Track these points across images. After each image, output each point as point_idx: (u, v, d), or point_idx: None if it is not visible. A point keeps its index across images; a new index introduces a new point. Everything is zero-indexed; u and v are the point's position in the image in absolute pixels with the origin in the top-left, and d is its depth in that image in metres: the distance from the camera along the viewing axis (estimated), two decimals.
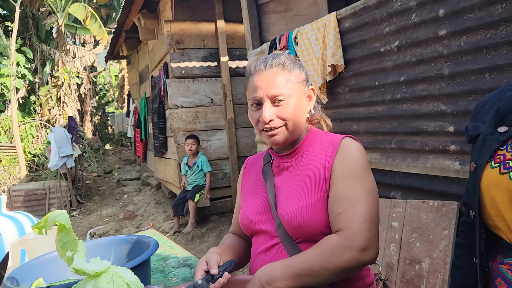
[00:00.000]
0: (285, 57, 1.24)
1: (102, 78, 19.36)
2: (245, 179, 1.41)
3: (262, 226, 1.24)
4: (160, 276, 1.69)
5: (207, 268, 1.15)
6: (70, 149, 7.47)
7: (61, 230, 1.05)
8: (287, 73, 1.21)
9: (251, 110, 1.24)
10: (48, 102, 11.98)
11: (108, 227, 6.16)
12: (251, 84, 1.22)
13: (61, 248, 1.06)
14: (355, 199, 1.09)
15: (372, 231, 1.07)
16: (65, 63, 12.45)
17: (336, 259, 1.03)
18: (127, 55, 10.19)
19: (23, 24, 12.96)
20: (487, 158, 0.94)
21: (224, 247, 1.30)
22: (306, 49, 3.26)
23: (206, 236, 5.19)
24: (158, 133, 6.82)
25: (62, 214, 1.06)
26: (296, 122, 1.21)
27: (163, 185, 7.63)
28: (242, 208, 1.34)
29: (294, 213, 1.15)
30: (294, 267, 1.05)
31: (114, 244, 1.62)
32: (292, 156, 1.26)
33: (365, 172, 1.15)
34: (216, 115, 5.84)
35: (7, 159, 9.64)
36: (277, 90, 1.18)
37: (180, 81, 5.65)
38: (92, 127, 15.84)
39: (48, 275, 1.43)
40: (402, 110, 2.52)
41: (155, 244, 1.48)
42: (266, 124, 1.19)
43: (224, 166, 5.86)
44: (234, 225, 1.46)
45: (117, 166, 11.76)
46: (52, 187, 7.65)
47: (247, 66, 1.28)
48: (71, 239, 1.05)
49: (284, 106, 1.18)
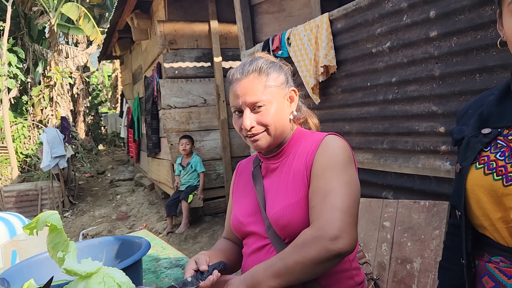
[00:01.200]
0: (262, 61, 1.23)
1: (95, 78, 19.26)
2: (236, 183, 1.42)
3: (252, 228, 1.25)
4: (152, 277, 1.69)
5: (196, 268, 1.15)
6: (62, 149, 7.42)
7: (52, 231, 1.05)
8: (264, 78, 1.20)
9: (234, 118, 1.25)
10: (41, 102, 11.90)
11: (101, 228, 6.13)
12: (232, 92, 1.23)
13: (52, 249, 1.06)
14: (328, 190, 1.09)
15: (344, 220, 1.04)
16: (57, 63, 12.37)
17: (307, 251, 1.02)
18: (120, 55, 10.15)
19: (15, 24, 12.86)
20: (471, 160, 0.95)
21: (215, 251, 1.31)
22: (299, 50, 3.28)
23: (199, 236, 5.18)
24: (151, 134, 6.81)
25: (54, 214, 1.06)
26: (278, 126, 1.21)
27: (156, 186, 7.61)
28: (233, 211, 1.35)
29: (280, 213, 1.16)
30: (273, 267, 1.06)
31: (105, 245, 1.62)
32: (279, 157, 1.27)
33: (343, 165, 1.13)
34: (210, 115, 5.83)
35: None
36: (254, 97, 1.18)
37: (173, 82, 5.64)
38: (85, 127, 15.76)
39: (39, 276, 1.43)
40: (393, 111, 2.54)
41: (146, 244, 1.48)
42: (248, 131, 1.20)
43: (217, 166, 5.86)
44: (226, 230, 1.46)
45: (110, 167, 11.70)
46: (44, 188, 7.60)
47: (228, 73, 1.28)
48: (62, 240, 1.05)
49: (264, 112, 1.19)
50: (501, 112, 0.92)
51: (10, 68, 10.24)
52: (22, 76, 11.68)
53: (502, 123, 0.91)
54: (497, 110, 0.94)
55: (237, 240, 1.40)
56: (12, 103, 12.29)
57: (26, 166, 10.52)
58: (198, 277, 1.14)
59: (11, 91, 11.26)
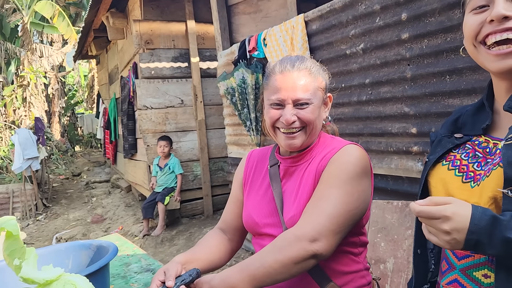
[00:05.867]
0: (312, 63, 1.25)
1: (71, 78, 18.90)
2: (248, 174, 1.39)
3: (268, 230, 1.24)
4: (121, 282, 1.65)
5: (164, 280, 1.11)
6: (35, 151, 7.24)
7: (8, 237, 1.00)
8: (312, 78, 1.21)
9: (268, 109, 1.23)
10: (13, 103, 11.60)
11: (75, 231, 6.00)
12: (274, 83, 1.21)
13: (8, 256, 1.01)
14: (324, 196, 1.11)
15: (327, 226, 1.07)
16: (31, 62, 12.08)
17: (287, 250, 1.04)
18: (96, 54, 9.97)
19: None
20: (439, 155, 1.01)
21: (194, 254, 1.28)
22: (275, 51, 3.27)
23: (176, 239, 5.12)
24: (128, 135, 6.70)
25: (10, 220, 1.01)
26: (314, 127, 1.22)
27: (133, 188, 7.50)
28: (246, 207, 1.32)
29: (294, 218, 1.16)
30: (249, 268, 1.05)
31: (72, 250, 1.57)
32: (298, 160, 1.26)
33: (351, 176, 1.14)
34: (187, 116, 5.78)
35: None
36: (301, 94, 1.18)
37: (149, 82, 5.56)
38: (61, 128, 15.44)
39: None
40: (367, 112, 2.56)
41: (114, 249, 1.44)
42: (287, 125, 1.19)
43: (194, 167, 5.81)
44: (223, 221, 1.43)
45: (86, 168, 11.49)
46: (16, 191, 7.40)
47: (269, 64, 1.27)
48: (18, 247, 1.01)
49: (307, 110, 1.19)
50: (474, 122, 1.01)
51: None
52: None
53: (473, 132, 1.00)
54: (471, 120, 1.02)
55: (232, 234, 1.39)
56: None
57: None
58: None
59: None
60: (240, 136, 4.19)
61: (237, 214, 1.39)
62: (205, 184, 5.77)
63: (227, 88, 3.92)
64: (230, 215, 1.41)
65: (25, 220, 7.11)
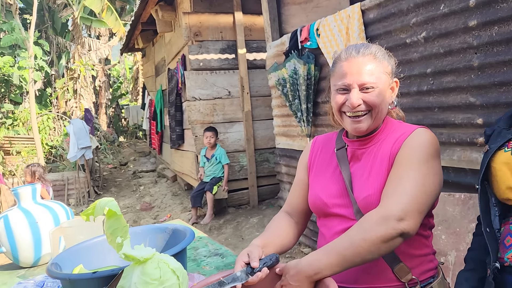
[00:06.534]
0: (377, 48, 1.28)
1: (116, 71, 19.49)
2: (313, 158, 1.43)
3: (337, 210, 1.28)
4: (193, 265, 1.72)
5: (248, 261, 1.16)
6: (88, 140, 7.56)
7: (111, 217, 1.07)
8: (377, 63, 1.25)
9: (335, 94, 1.28)
10: (65, 95, 12.12)
11: (127, 218, 6.24)
12: (340, 70, 1.26)
13: (111, 235, 1.08)
14: (403, 177, 1.15)
15: (411, 206, 1.10)
16: (80, 55, 12.57)
17: (375, 229, 1.07)
18: (143, 47, 10.24)
19: (39, 17, 13.08)
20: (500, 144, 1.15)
21: (268, 238, 1.32)
22: (329, 41, 3.25)
23: (223, 227, 5.23)
24: (175, 125, 6.87)
25: (111, 201, 1.08)
26: (380, 111, 1.25)
27: (179, 177, 7.69)
28: (313, 188, 1.36)
29: (371, 198, 1.19)
30: (337, 249, 1.08)
31: (149, 233, 1.64)
32: (367, 143, 1.30)
33: (426, 158, 1.18)
34: (234, 107, 5.85)
35: (26, 150, 9.79)
36: (367, 78, 1.22)
37: (198, 74, 5.67)
38: (107, 119, 16.00)
39: (87, 262, 1.47)
40: (428, 102, 2.51)
41: (191, 233, 1.50)
42: (353, 108, 1.23)
43: (241, 158, 5.89)
44: (288, 204, 1.47)
45: (132, 158, 11.87)
46: (70, 178, 7.77)
47: (335, 52, 1.31)
48: (121, 226, 1.07)
49: (372, 93, 1.23)
50: None
51: (36, 60, 10.45)
52: (48, 68, 11.89)
53: None
54: None
55: (298, 216, 1.43)
56: (37, 95, 12.54)
57: (52, 157, 10.74)
58: (248, 271, 1.14)
59: (36, 83, 11.48)
60: (289, 127, 4.20)
61: (302, 197, 1.43)
62: (251, 175, 5.84)
63: (278, 79, 3.93)
64: (296, 198, 1.45)
65: (79, 206, 7.46)
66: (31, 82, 9.22)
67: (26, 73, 9.96)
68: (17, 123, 10.84)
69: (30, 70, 9.30)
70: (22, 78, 10.61)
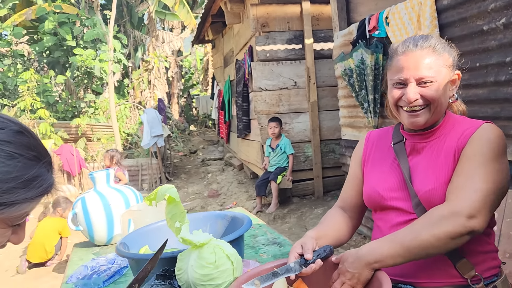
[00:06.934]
0: (436, 40, 1.24)
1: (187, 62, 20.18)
2: (368, 153, 1.42)
3: (394, 203, 1.26)
4: (251, 252, 1.77)
5: (301, 252, 1.17)
6: (160, 129, 7.96)
7: (171, 203, 1.14)
8: (436, 56, 1.21)
9: (391, 89, 1.26)
10: (140, 85, 12.81)
11: (194, 204, 6.50)
12: (396, 64, 1.23)
13: (170, 219, 1.16)
14: (473, 173, 1.12)
15: (481, 203, 1.08)
16: (155, 48, 13.18)
17: (444, 224, 1.06)
18: (212, 39, 10.49)
19: (118, 12, 13.87)
20: None
21: (323, 230, 1.33)
22: (399, 30, 3.12)
23: (287, 217, 5.27)
24: (242, 115, 6.99)
25: (171, 188, 1.15)
26: (439, 105, 1.21)
27: (245, 166, 7.84)
28: (368, 183, 1.35)
29: (432, 192, 1.17)
30: (402, 240, 1.07)
31: (210, 219, 1.72)
32: (428, 137, 1.27)
33: (495, 154, 1.15)
34: (299, 98, 5.83)
35: (105, 137, 10.51)
36: (425, 72, 1.19)
37: (264, 64, 5.72)
38: (179, 108, 16.67)
39: (152, 243, 1.57)
40: (506, 93, 2.33)
41: (249, 221, 1.54)
42: (410, 103, 1.20)
43: (306, 149, 5.87)
44: (342, 199, 1.47)
45: (201, 147, 12.28)
46: (144, 165, 8.24)
47: (392, 45, 1.29)
48: (179, 211, 1.14)
49: (431, 88, 1.19)
50: None
51: (115, 53, 11.13)
52: (125, 60, 12.62)
53: None
54: None
55: (352, 211, 1.43)
56: (116, 86, 13.37)
57: (128, 144, 11.44)
58: (302, 262, 1.15)
59: (115, 75, 12.25)
60: (355, 118, 4.11)
61: (356, 191, 1.42)
62: (316, 166, 5.81)
63: (345, 69, 3.86)
64: (349, 193, 1.44)
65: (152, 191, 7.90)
66: (110, 73, 9.85)
67: (106, 65, 10.66)
68: (98, 112, 11.66)
69: (110, 63, 9.94)
70: (103, 70, 11.36)
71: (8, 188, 0.70)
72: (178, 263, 1.18)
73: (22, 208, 0.73)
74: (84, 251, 2.02)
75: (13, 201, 0.70)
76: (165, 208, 1.15)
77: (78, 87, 12.49)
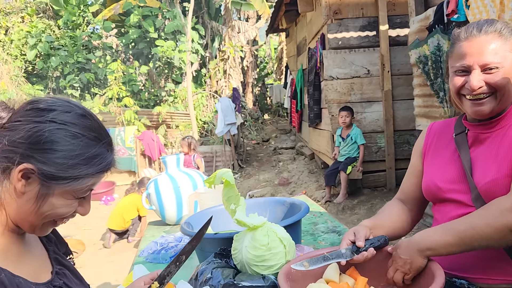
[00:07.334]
0: (502, 25, 1.17)
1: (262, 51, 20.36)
2: (428, 144, 1.38)
3: (452, 195, 1.23)
4: (310, 239, 1.81)
5: (354, 240, 1.18)
6: (233, 117, 8.19)
7: (227, 186, 1.22)
8: (502, 41, 1.14)
9: (452, 76, 1.20)
10: (216, 75, 13.21)
11: (265, 191, 6.64)
12: (459, 50, 1.17)
13: (226, 201, 1.23)
14: None
15: None
16: (231, 38, 13.48)
17: (504, 216, 1.01)
18: (286, 28, 10.50)
19: (196, 4, 14.36)
20: None
21: (379, 220, 1.32)
22: (479, 13, 2.92)
23: (357, 208, 5.20)
24: (313, 104, 6.96)
25: (228, 172, 1.22)
26: (506, 92, 1.15)
27: (316, 155, 7.82)
28: (427, 174, 1.33)
29: (492, 184, 1.13)
30: (457, 229, 1.05)
31: (269, 204, 1.78)
32: (492, 127, 1.20)
33: None
34: (372, 86, 5.67)
35: (183, 125, 11.04)
36: (490, 58, 1.12)
37: (336, 52, 5.63)
38: (253, 97, 16.93)
39: (215, 224, 1.67)
40: None
41: (306, 208, 1.58)
42: (473, 91, 1.14)
43: (378, 139, 5.71)
44: (401, 191, 1.45)
45: (273, 135, 12.42)
46: (218, 151, 8.56)
47: (454, 31, 1.23)
48: (234, 194, 1.21)
49: (496, 74, 1.13)
50: None
51: (192, 44, 11.59)
52: (202, 51, 13.09)
53: None
54: None
55: (411, 204, 1.40)
56: (193, 75, 13.93)
57: (204, 132, 11.91)
58: (353, 250, 1.15)
59: (193, 65, 12.76)
60: (431, 108, 3.93)
61: (416, 184, 1.38)
62: (388, 157, 5.63)
63: (419, 56, 3.69)
64: (409, 185, 1.41)
65: None
66: (188, 64, 10.29)
67: (184, 55, 11.14)
68: (177, 100, 12.26)
69: (188, 53, 10.38)
70: (182, 61, 11.89)
71: (72, 164, 0.82)
72: (234, 243, 1.26)
73: (85, 183, 0.85)
74: (156, 229, 2.19)
75: (76, 175, 0.83)
76: (222, 191, 1.23)
77: (159, 76, 13.22)
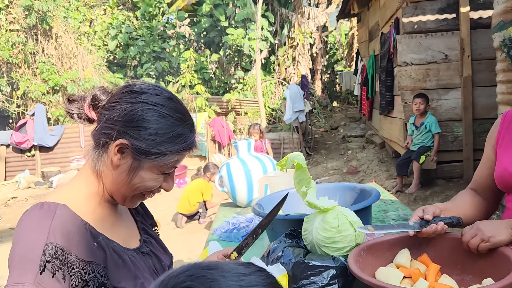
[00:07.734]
0: None
1: (332, 37, 19.95)
2: (503, 132, 1.34)
3: None
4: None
5: (422, 215, 1.18)
6: (302, 104, 8.17)
7: (298, 169, 1.26)
8: None
9: None
10: (285, 62, 13.21)
11: (333, 179, 6.60)
12: None
13: (298, 184, 1.27)
14: None
15: None
16: (300, 24, 13.36)
17: None
18: (358, 12, 10.20)
19: None
20: None
21: (451, 205, 1.31)
22: None
23: (429, 199, 5.01)
24: (385, 91, 6.75)
25: (299, 155, 1.26)
26: None
27: (387, 144, 7.59)
28: (501, 163, 1.29)
29: None
30: None
31: (339, 190, 1.80)
32: None
33: None
34: (450, 72, 5.37)
35: (252, 111, 11.22)
36: None
37: (411, 37, 5.39)
38: (322, 85, 16.71)
39: (285, 207, 1.72)
40: None
41: (376, 194, 1.58)
42: None
43: (455, 128, 5.42)
44: (474, 181, 1.42)
45: (342, 123, 12.22)
46: (286, 138, 8.61)
47: None
48: (305, 177, 1.25)
49: None
50: None
51: (262, 31, 11.67)
52: (272, 38, 13.13)
53: None
54: None
55: (484, 193, 1.37)
56: (262, 63, 14.04)
57: (272, 119, 12.02)
58: (422, 224, 1.16)
59: (262, 52, 12.86)
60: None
61: (488, 174, 1.34)
62: (466, 147, 5.33)
63: (504, 39, 3.44)
64: (481, 174, 1.38)
65: None
66: (257, 51, 10.40)
67: (254, 43, 11.26)
68: (246, 87, 12.46)
69: (257, 41, 10.48)
70: (251, 48, 12.03)
71: (160, 141, 0.92)
72: (305, 224, 1.30)
73: (170, 159, 0.95)
74: (227, 210, 2.30)
75: (163, 151, 0.93)
76: (293, 174, 1.27)
77: (229, 64, 13.50)
